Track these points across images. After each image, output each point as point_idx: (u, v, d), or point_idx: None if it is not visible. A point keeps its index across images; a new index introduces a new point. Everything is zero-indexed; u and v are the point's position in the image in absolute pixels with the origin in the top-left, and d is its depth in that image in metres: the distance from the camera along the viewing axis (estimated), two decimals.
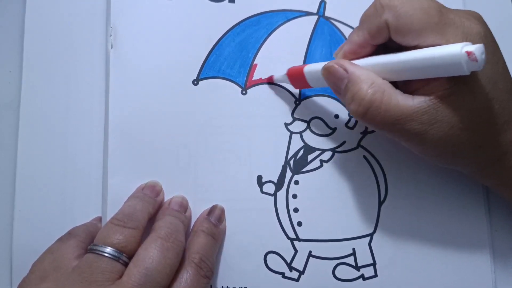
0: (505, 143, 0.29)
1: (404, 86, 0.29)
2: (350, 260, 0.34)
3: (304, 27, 0.37)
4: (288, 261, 0.34)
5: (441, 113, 0.27)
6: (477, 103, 0.27)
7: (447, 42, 0.26)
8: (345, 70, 0.29)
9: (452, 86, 0.27)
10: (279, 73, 0.35)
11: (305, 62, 0.37)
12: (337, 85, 0.30)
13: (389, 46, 0.29)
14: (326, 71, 0.30)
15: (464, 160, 0.30)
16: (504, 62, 0.29)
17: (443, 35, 0.26)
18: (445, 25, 0.27)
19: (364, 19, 0.30)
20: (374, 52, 0.30)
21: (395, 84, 0.29)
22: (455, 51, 0.25)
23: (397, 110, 0.27)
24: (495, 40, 0.29)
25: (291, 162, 0.35)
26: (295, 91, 0.36)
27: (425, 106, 0.27)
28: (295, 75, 0.34)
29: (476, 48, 0.24)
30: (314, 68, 0.32)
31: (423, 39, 0.27)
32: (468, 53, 0.24)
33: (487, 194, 0.36)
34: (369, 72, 0.29)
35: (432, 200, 0.35)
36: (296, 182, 0.35)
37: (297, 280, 0.34)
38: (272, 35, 0.37)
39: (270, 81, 0.36)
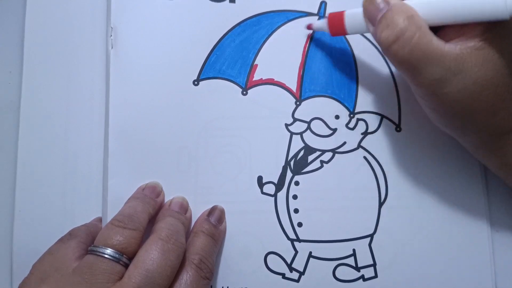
0: None
1: (439, 35, 0.29)
2: (351, 261, 0.34)
3: (304, 28, 0.37)
4: (289, 262, 0.34)
5: (468, 64, 0.27)
6: (503, 62, 0.27)
7: None
8: (387, 2, 0.29)
9: (485, 39, 0.27)
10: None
11: (305, 63, 0.37)
12: (375, 16, 0.30)
13: None
14: (368, 2, 0.30)
15: (474, 127, 0.29)
16: None
17: None
18: None
19: None
20: None
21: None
22: None
23: (428, 47, 0.27)
24: None
25: (292, 162, 0.35)
26: (296, 91, 0.36)
27: (454, 52, 0.27)
28: (335, 19, 0.34)
29: None
30: (356, 11, 0.32)
31: None
32: None
33: (488, 195, 0.36)
34: (411, 7, 0.28)
35: (433, 201, 0.35)
36: (297, 183, 0.35)
37: (297, 281, 0.34)
38: (272, 36, 0.37)
39: (270, 82, 0.36)
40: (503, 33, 0.28)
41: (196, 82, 0.35)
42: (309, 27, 0.37)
